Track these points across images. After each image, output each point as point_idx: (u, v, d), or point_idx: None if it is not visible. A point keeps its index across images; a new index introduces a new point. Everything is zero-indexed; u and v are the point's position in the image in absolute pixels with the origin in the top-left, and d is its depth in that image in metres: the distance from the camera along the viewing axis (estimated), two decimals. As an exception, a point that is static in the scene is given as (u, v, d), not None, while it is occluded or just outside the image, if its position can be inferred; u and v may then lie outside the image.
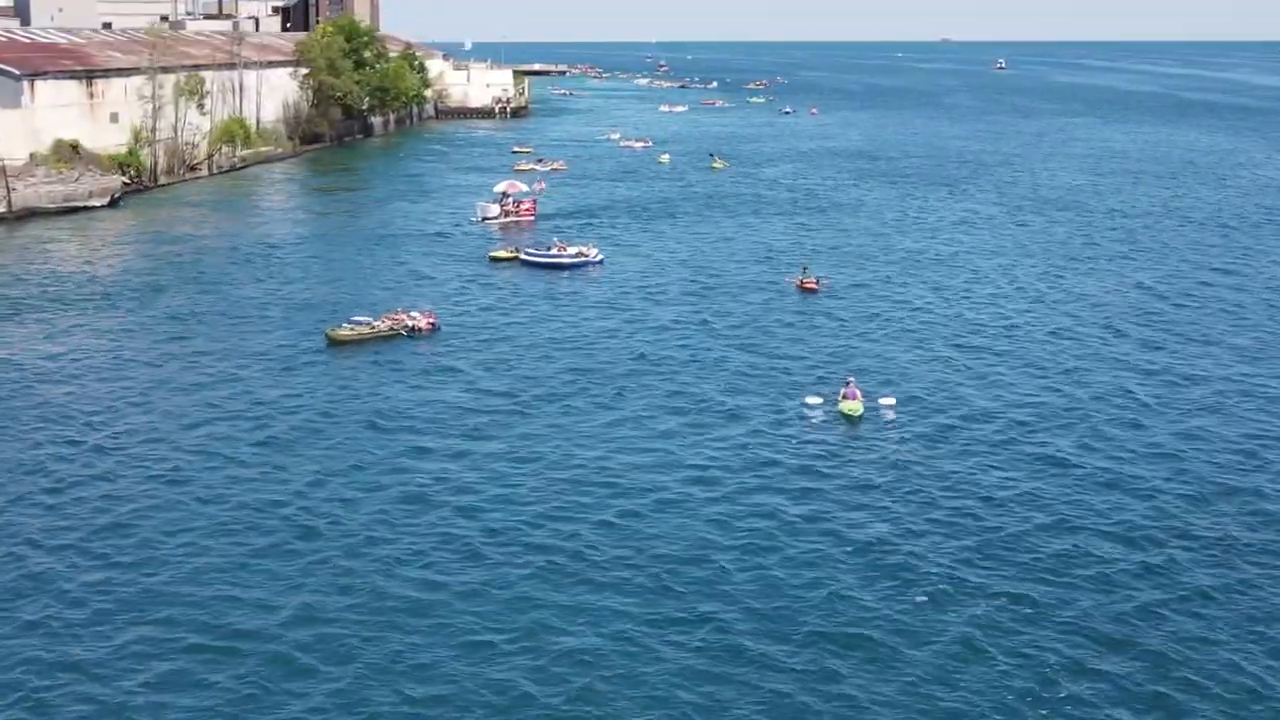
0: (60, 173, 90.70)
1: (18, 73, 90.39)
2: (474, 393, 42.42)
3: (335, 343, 48.27)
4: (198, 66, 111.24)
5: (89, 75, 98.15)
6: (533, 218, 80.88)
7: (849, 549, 29.60)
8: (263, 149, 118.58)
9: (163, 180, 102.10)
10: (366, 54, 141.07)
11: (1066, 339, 49.62)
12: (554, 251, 65.46)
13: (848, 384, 40.15)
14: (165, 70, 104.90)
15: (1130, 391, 42.40)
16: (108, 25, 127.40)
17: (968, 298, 57.50)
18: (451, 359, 46.74)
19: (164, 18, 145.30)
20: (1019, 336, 50.05)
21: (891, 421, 39.05)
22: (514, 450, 36.56)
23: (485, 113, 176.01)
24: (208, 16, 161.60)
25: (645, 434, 37.85)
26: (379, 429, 38.76)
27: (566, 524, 31.11)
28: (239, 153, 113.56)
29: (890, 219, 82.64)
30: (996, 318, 53.53)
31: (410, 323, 49.91)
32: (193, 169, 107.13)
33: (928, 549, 29.47)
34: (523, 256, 65.65)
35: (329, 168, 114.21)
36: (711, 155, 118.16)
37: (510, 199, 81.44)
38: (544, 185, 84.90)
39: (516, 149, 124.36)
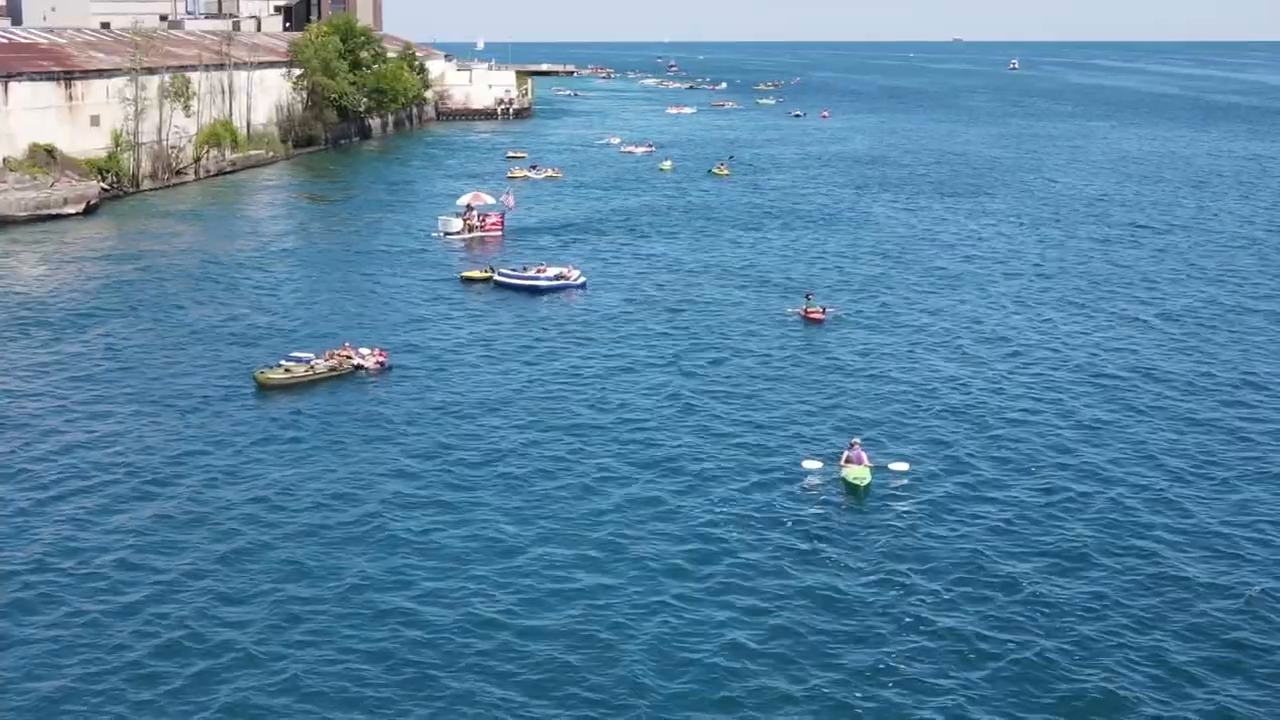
0: (34, 178, 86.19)
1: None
2: (416, 457, 36.12)
3: (265, 387, 42.24)
4: (184, 67, 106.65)
5: (67, 76, 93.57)
6: (499, 233, 74.63)
7: (843, 671, 24.52)
8: (253, 153, 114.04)
9: (146, 186, 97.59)
10: (363, 54, 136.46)
11: (1096, 385, 44.09)
12: (531, 273, 59.71)
13: (852, 445, 34.36)
14: (150, 71, 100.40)
15: (1169, 454, 37.19)
16: (106, 25, 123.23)
17: (985, 332, 51.81)
18: (397, 408, 40.90)
19: (163, 17, 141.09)
20: (1042, 380, 44.45)
21: (903, 490, 33.55)
22: (459, 534, 30.67)
23: (487, 114, 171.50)
24: (208, 16, 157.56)
25: (613, 510, 32.05)
26: (277, 507, 32.21)
27: (524, 637, 25.77)
28: (229, 156, 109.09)
29: (902, 233, 77.18)
30: (1016, 355, 47.97)
31: (357, 361, 44.34)
32: (178, 174, 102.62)
33: (934, 677, 24.30)
34: (496, 277, 59.77)
35: (317, 173, 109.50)
36: (724, 159, 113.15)
37: (475, 213, 75.15)
38: (513, 199, 77.96)
39: (511, 154, 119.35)
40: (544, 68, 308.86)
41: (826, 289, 59.23)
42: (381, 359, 44.97)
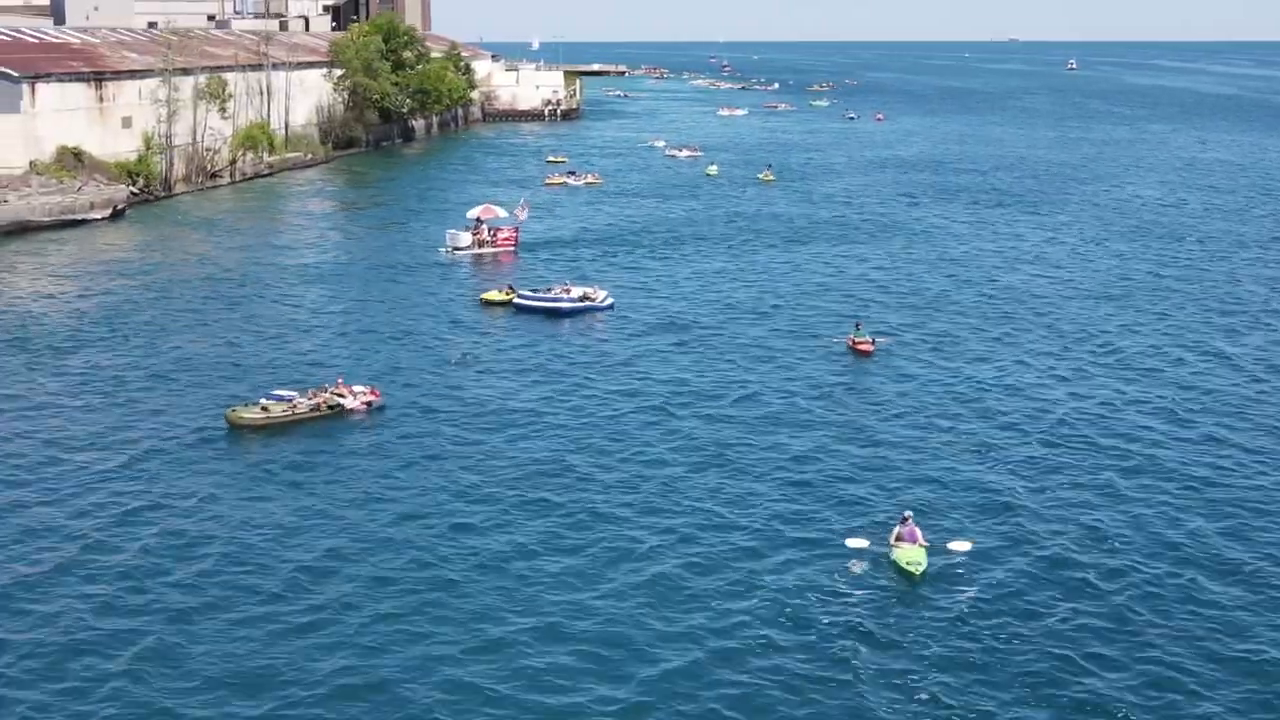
0: (61, 182, 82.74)
1: (16, 75, 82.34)
2: (398, 521, 30.74)
3: (237, 428, 37.41)
4: (220, 68, 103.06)
5: (98, 77, 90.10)
6: (512, 248, 68.90)
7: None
8: (290, 155, 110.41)
9: (180, 189, 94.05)
10: (406, 54, 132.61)
11: (1182, 430, 38.94)
12: (554, 294, 54.44)
13: (905, 519, 28.84)
14: (185, 72, 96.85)
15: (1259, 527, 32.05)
16: (152, 25, 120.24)
17: (1055, 367, 45.77)
18: (384, 457, 35.66)
19: (211, 17, 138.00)
20: (1122, 427, 38.92)
21: (964, 574, 28.02)
22: (433, 622, 25.75)
23: (534, 115, 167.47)
24: (257, 16, 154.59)
25: (619, 594, 27.10)
26: (226, 587, 27.33)
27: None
28: (267, 159, 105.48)
29: (960, 249, 71.18)
30: (1084, 399, 41.92)
31: (344, 401, 39.03)
32: (213, 176, 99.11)
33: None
34: (517, 299, 54.38)
35: (350, 178, 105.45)
36: (768, 165, 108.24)
37: (485, 226, 69.29)
38: (526, 211, 70.96)
39: (551, 159, 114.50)
40: (595, 68, 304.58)
41: (877, 313, 53.94)
42: (372, 398, 39.86)
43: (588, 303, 53.63)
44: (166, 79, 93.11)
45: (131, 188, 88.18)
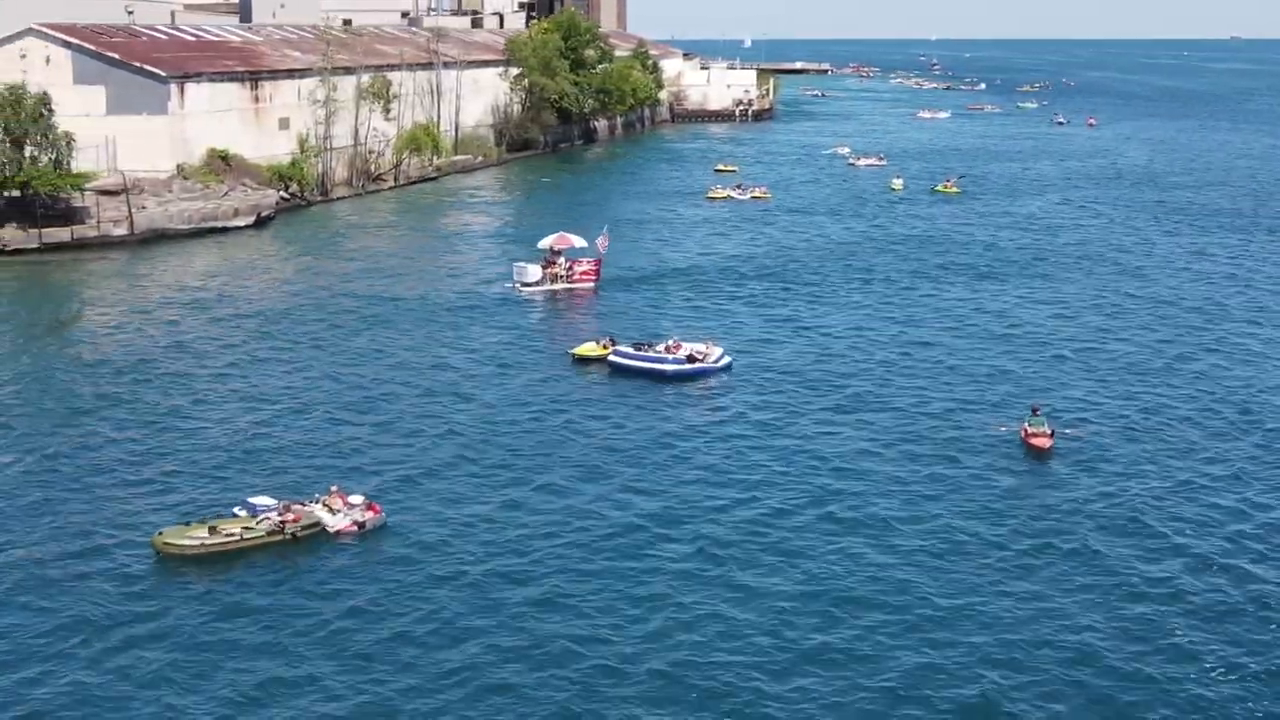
0: (206, 187, 77.35)
1: (164, 74, 77.20)
2: None
3: (167, 557, 27.60)
4: (385, 66, 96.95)
5: (253, 77, 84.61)
6: (592, 284, 57.30)
7: None
8: (458, 158, 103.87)
9: (339, 193, 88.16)
10: (588, 53, 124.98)
11: None
12: (657, 351, 43.56)
13: None
14: (348, 71, 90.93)
15: None
16: (347, 22, 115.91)
17: None
18: (367, 623, 24.82)
19: (404, 14, 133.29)
20: None
21: None
22: None
23: (724, 116, 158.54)
24: (453, 13, 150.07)
25: None
26: None
27: None
28: (435, 162, 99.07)
29: (1186, 293, 56.62)
30: None
31: (327, 519, 28.99)
32: (375, 180, 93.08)
33: None
34: (611, 357, 43.90)
35: (516, 185, 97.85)
36: (952, 176, 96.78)
37: (562, 258, 58.08)
38: (607, 239, 58.36)
39: (720, 167, 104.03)
40: (798, 66, 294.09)
41: (1068, 381, 42.04)
42: (369, 516, 29.51)
43: (697, 364, 43.08)
44: (325, 78, 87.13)
45: (282, 193, 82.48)
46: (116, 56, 76.65)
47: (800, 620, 25.62)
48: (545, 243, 59.26)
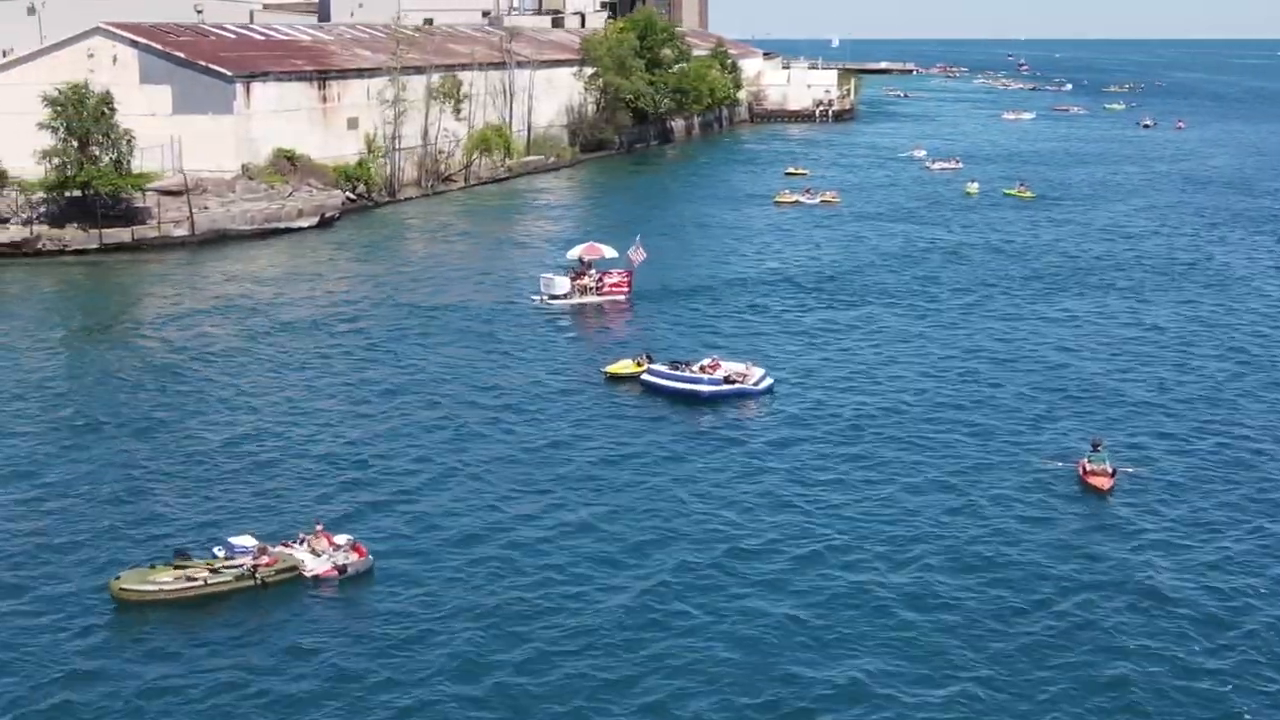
0: (271, 187, 75.50)
1: (229, 74, 75.41)
2: None
3: (125, 603, 24.82)
4: (455, 66, 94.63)
5: (321, 76, 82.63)
6: (624, 296, 53.35)
7: None
8: (530, 158, 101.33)
9: (408, 194, 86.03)
10: (665, 52, 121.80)
11: None
12: (693, 371, 39.87)
13: None
14: (417, 70, 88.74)
15: None
16: (429, 21, 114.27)
17: None
18: (334, 688, 21.80)
19: (485, 13, 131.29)
20: None
21: None
22: None
23: (804, 116, 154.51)
24: (535, 13, 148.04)
25: None
26: None
27: None
28: (506, 163, 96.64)
29: (1277, 318, 51.35)
30: None
31: (306, 563, 25.90)
32: (445, 181, 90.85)
33: None
34: (645, 376, 40.42)
35: (587, 186, 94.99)
36: (1023, 179, 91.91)
37: (591, 269, 54.34)
38: (642, 251, 54.02)
39: (790, 171, 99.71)
40: (882, 65, 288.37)
41: (1131, 417, 37.50)
42: (353, 559, 26.30)
43: (736, 385, 39.48)
44: (394, 78, 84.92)
45: (348, 194, 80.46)
46: (183, 56, 75.01)
47: (825, 677, 22.32)
48: (574, 253, 55.71)
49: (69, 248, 65.19)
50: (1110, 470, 32.05)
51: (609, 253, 54.77)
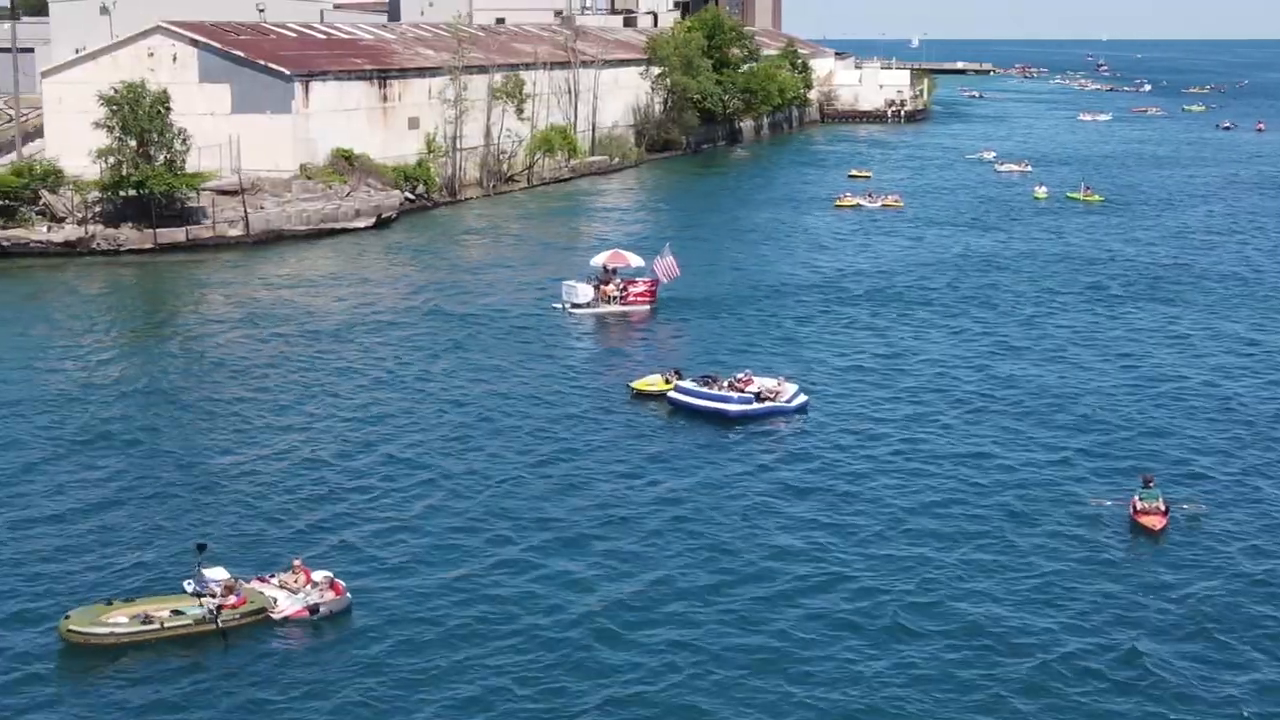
0: (328, 187, 73.89)
1: (288, 73, 73.90)
2: None
3: (74, 646, 22.49)
4: (519, 65, 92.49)
5: (381, 75, 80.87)
6: (648, 305, 50.45)
7: None
8: (594, 159, 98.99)
9: (469, 194, 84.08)
10: (733, 51, 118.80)
11: None
12: (720, 388, 36.97)
13: None
14: (480, 69, 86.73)
15: None
16: (500, 20, 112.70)
17: None
18: None
19: (558, 13, 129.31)
20: None
21: None
22: None
23: (876, 116, 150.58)
24: (609, 12, 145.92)
25: None
26: None
27: None
28: (570, 163, 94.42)
29: None
30: None
31: (278, 603, 23.50)
32: (508, 181, 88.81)
33: None
34: (672, 394, 37.37)
35: (649, 188, 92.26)
36: (1088, 183, 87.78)
37: (616, 277, 51.39)
38: (671, 260, 50.43)
39: (854, 173, 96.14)
40: (959, 66, 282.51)
41: (1193, 452, 33.79)
42: (329, 596, 23.83)
43: (767, 404, 36.52)
44: (455, 77, 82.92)
45: (408, 194, 78.66)
46: (242, 54, 73.62)
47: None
48: (598, 261, 52.50)
49: (123, 247, 63.97)
50: (1164, 509, 28.70)
51: (634, 260, 51.86)
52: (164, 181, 63.45)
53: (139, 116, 63.21)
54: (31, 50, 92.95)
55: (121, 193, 63.83)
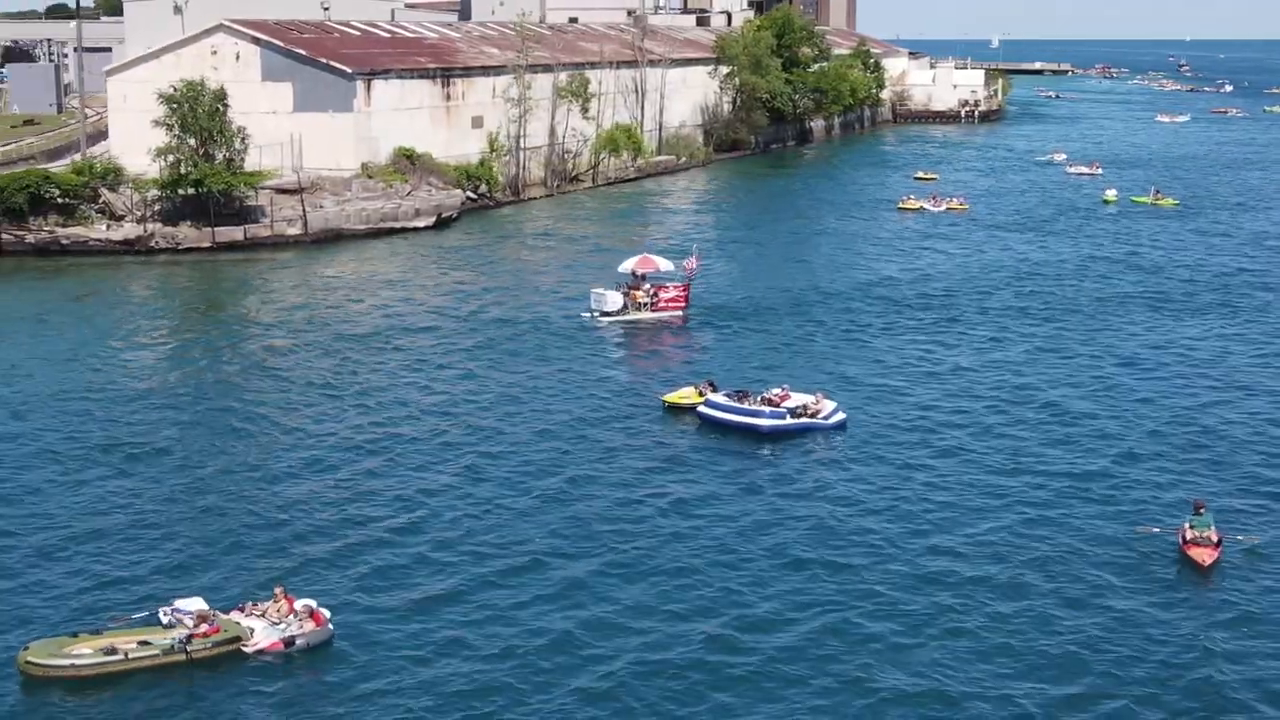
0: (389, 186, 72.67)
1: (350, 71, 72.76)
2: None
3: (33, 678, 20.81)
4: (586, 64, 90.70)
5: (445, 74, 79.47)
6: (681, 311, 48.02)
7: None
8: (660, 158, 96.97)
9: (533, 194, 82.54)
10: (804, 51, 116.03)
11: None
12: (754, 403, 34.65)
13: None
14: (545, 68, 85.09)
15: None
16: (573, 20, 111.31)
17: None
18: None
19: (630, 12, 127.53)
20: None
21: None
22: None
23: (949, 117, 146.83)
24: (681, 11, 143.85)
25: None
26: None
27: None
28: (635, 163, 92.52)
29: None
30: None
31: (253, 634, 21.69)
32: (573, 180, 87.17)
33: None
34: (703, 408, 35.03)
35: (714, 189, 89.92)
36: (1158, 187, 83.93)
37: (646, 283, 48.78)
38: (697, 261, 49.18)
39: (919, 175, 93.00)
40: (1037, 66, 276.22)
41: (1253, 477, 30.99)
42: (310, 627, 22.04)
43: (802, 419, 34.29)
44: (519, 75, 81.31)
45: (470, 193, 77.24)
46: (304, 53, 72.58)
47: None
48: (626, 266, 49.57)
49: (181, 245, 63.18)
50: (1216, 539, 26.10)
51: (664, 265, 49.18)
52: (222, 180, 62.52)
53: (198, 115, 62.36)
54: (109, 50, 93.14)
55: (180, 191, 62.99)
